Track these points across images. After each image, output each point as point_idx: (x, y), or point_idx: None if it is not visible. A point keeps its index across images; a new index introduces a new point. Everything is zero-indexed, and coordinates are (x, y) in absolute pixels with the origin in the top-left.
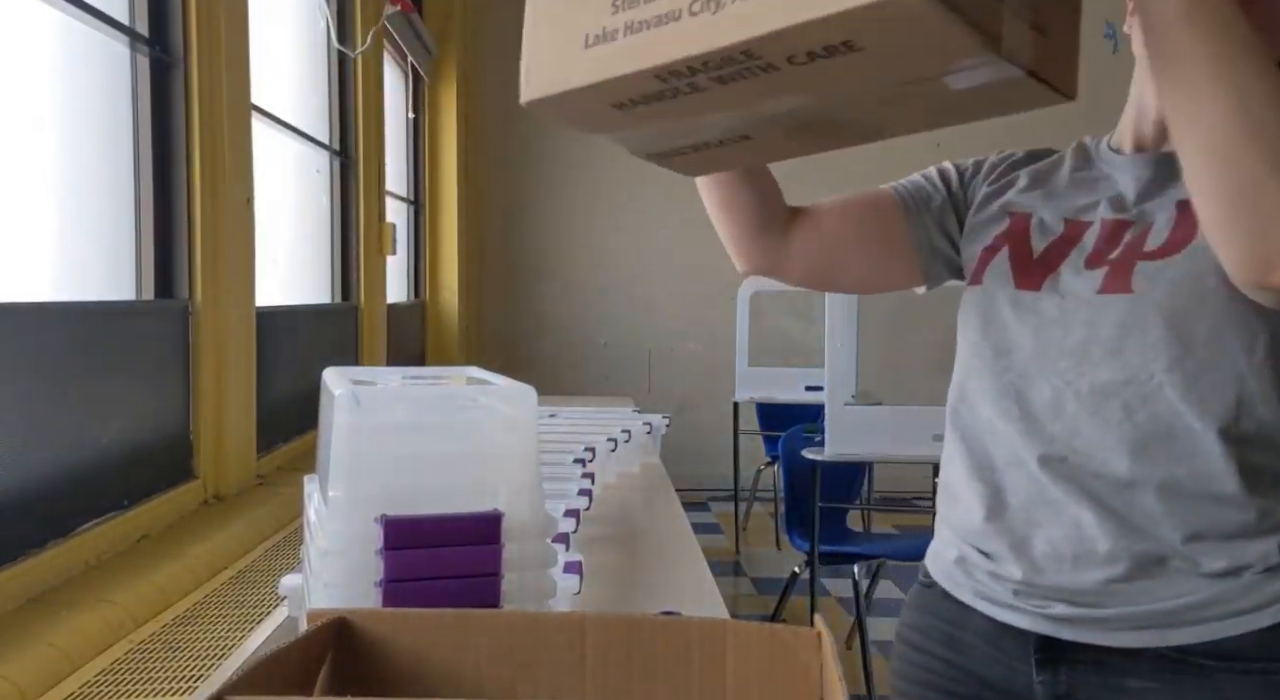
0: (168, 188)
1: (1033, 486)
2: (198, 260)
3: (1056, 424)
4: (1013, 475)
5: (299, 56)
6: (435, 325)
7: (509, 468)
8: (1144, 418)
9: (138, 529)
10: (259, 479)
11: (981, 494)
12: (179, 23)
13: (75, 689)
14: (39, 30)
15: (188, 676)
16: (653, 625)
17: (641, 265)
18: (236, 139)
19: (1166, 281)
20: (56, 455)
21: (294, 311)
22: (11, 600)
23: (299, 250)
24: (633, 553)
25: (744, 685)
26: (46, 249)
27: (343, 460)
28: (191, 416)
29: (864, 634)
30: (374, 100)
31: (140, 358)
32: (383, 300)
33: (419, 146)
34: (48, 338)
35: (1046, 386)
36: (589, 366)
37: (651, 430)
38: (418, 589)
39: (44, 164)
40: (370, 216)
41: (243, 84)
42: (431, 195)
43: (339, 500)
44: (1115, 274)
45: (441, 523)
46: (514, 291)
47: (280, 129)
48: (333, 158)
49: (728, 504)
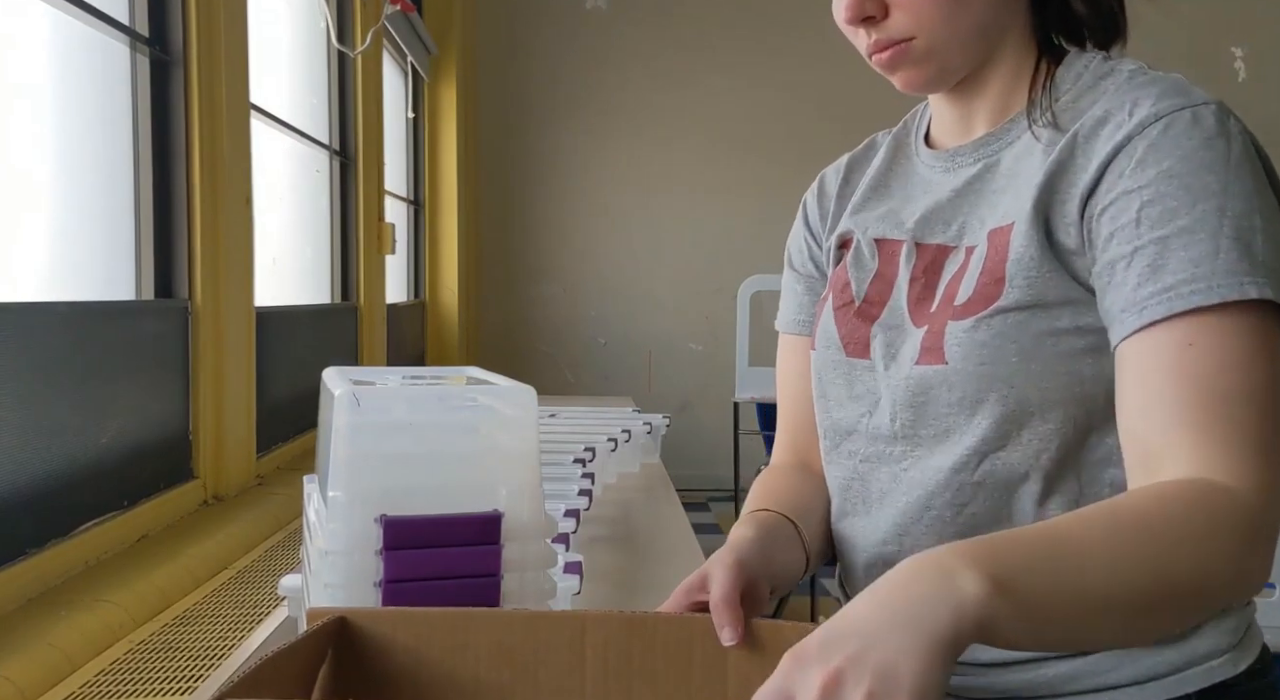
0: (167, 187)
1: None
2: (197, 260)
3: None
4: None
5: (299, 56)
6: (435, 325)
7: (509, 468)
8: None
9: (137, 529)
10: (259, 479)
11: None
12: (179, 22)
13: (75, 689)
14: (39, 30)
15: (188, 676)
16: (653, 623)
17: (641, 265)
18: (236, 139)
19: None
20: (56, 455)
21: (294, 311)
22: (11, 600)
23: (299, 250)
24: (633, 553)
25: (745, 682)
26: (46, 248)
27: (343, 460)
28: (191, 416)
29: None
30: (374, 100)
31: (140, 358)
32: (383, 300)
33: (419, 146)
34: (47, 337)
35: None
36: (589, 366)
37: (651, 430)
38: (418, 589)
39: (44, 163)
40: (370, 216)
41: (243, 84)
42: (431, 195)
43: (339, 500)
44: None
45: (441, 523)
46: (514, 291)
47: (280, 129)
48: (332, 157)
49: (728, 504)
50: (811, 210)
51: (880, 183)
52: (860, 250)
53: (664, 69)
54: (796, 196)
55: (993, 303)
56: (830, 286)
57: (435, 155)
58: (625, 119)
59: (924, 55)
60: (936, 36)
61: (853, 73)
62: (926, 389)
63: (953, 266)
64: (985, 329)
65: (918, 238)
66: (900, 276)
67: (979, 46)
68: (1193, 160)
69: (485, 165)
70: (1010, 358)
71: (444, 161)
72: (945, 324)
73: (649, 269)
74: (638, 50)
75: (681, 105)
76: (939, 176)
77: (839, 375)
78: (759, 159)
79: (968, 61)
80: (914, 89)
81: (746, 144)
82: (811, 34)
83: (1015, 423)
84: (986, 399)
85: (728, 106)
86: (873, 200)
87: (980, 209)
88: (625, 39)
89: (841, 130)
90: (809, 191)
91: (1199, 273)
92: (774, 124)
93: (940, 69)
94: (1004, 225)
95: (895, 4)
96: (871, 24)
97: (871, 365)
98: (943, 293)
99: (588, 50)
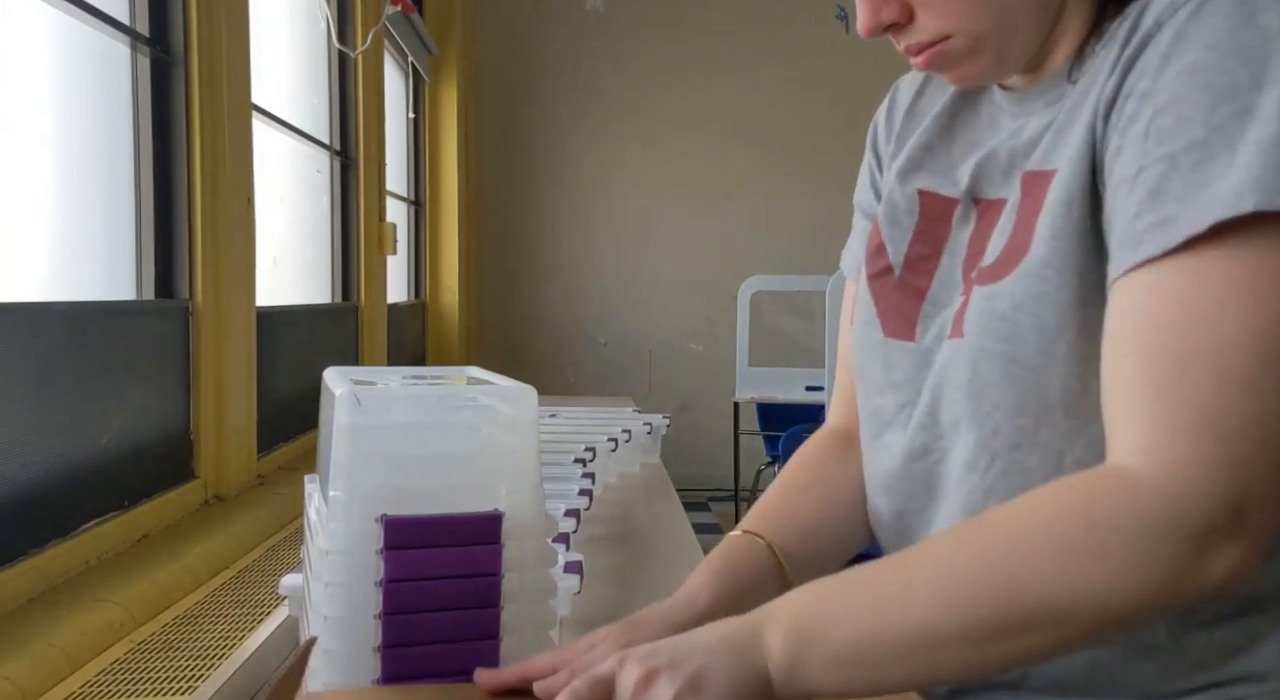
0: (168, 187)
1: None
2: (198, 260)
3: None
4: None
5: (299, 56)
6: (435, 325)
7: (509, 468)
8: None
9: (138, 529)
10: (259, 479)
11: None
12: (179, 23)
13: (75, 689)
14: (39, 30)
15: (188, 676)
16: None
17: (641, 265)
18: (237, 139)
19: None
20: (57, 455)
21: (294, 311)
22: (12, 600)
23: (300, 250)
24: (633, 553)
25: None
26: (46, 248)
27: (343, 460)
28: (192, 416)
29: None
30: (374, 100)
31: (140, 358)
32: (383, 300)
33: (419, 146)
34: (48, 337)
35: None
36: (589, 366)
37: (652, 430)
38: (418, 589)
39: (44, 163)
40: (370, 216)
41: (243, 84)
42: (431, 195)
43: (339, 500)
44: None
45: (442, 523)
46: (514, 291)
47: (281, 129)
48: (333, 158)
49: (728, 504)
50: (880, 131)
51: (945, 119)
52: (895, 203)
53: (665, 69)
54: (797, 197)
55: (1015, 264)
56: (865, 246)
57: (436, 155)
58: (626, 119)
59: (967, 51)
60: (975, 29)
61: (856, 72)
62: (944, 369)
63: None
64: (1006, 297)
65: (975, 192)
66: (954, 240)
67: (1035, 23)
68: (1223, 47)
69: (485, 165)
70: (1029, 335)
71: (444, 162)
72: (973, 290)
73: (649, 269)
74: (639, 51)
75: (682, 105)
76: (1006, 121)
77: (876, 357)
78: (760, 159)
79: (1029, 43)
80: (973, 84)
81: (747, 144)
82: (813, 33)
83: (1031, 416)
84: (999, 383)
85: (729, 107)
86: (928, 136)
87: (1036, 154)
88: (626, 39)
89: (843, 130)
90: (879, 111)
91: (1203, 198)
92: (775, 124)
93: (996, 60)
94: (1045, 170)
95: (919, 4)
96: (898, 30)
97: (915, 349)
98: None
99: (588, 51)
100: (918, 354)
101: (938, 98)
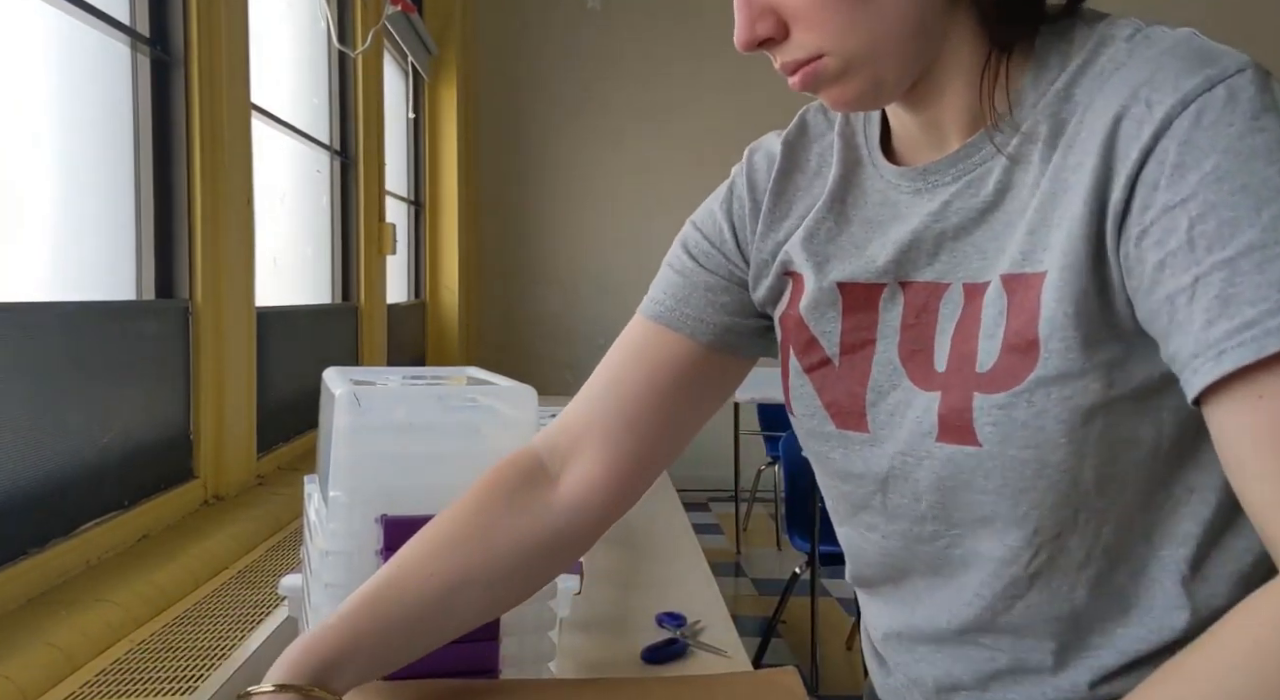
0: (168, 187)
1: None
2: (198, 260)
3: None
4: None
5: (299, 56)
6: (435, 325)
7: None
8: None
9: (138, 529)
10: (259, 479)
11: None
12: (179, 23)
13: (75, 689)
14: (39, 30)
15: (188, 676)
16: (639, 687)
17: (642, 265)
18: (237, 139)
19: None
20: (56, 455)
21: (294, 311)
22: (12, 600)
23: (300, 250)
24: (633, 553)
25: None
26: (46, 248)
27: (343, 460)
28: (191, 416)
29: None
30: (374, 100)
31: (140, 358)
32: (383, 300)
33: (419, 146)
34: (48, 337)
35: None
36: (589, 367)
37: None
38: None
39: (44, 163)
40: (370, 216)
41: (243, 84)
42: (431, 195)
43: (339, 500)
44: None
45: None
46: (514, 291)
47: (281, 129)
48: (333, 157)
49: (728, 504)
50: (740, 198)
51: (834, 205)
52: (819, 297)
53: (665, 69)
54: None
55: (1027, 374)
56: (787, 337)
57: (435, 155)
58: (626, 119)
59: (841, 71)
60: (848, 48)
61: None
62: (957, 474)
63: (951, 310)
64: (1025, 406)
65: (900, 276)
66: (884, 326)
67: (914, 48)
68: (1240, 152)
69: (485, 165)
70: (1058, 438)
71: (444, 162)
72: (971, 396)
73: (650, 269)
74: (639, 51)
75: (683, 105)
76: (909, 199)
77: (833, 448)
78: None
79: (906, 68)
80: (850, 108)
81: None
82: None
83: (1071, 507)
84: (1035, 486)
85: (729, 106)
86: (826, 226)
87: (976, 237)
88: (626, 40)
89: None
90: (737, 171)
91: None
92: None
93: (872, 83)
94: (1028, 273)
95: (793, 19)
96: (773, 46)
97: (871, 439)
98: (949, 348)
99: (588, 51)
100: (874, 443)
101: (807, 175)
